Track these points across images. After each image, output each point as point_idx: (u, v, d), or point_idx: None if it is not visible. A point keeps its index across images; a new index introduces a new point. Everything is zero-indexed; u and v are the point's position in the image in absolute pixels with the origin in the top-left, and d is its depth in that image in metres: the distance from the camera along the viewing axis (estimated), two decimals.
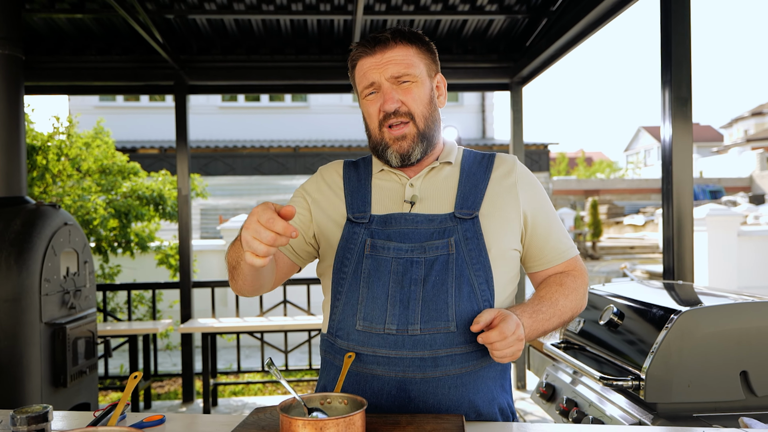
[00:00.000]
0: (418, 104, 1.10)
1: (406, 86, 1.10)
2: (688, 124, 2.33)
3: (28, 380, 2.41)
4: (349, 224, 1.12)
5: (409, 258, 1.06)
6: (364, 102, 1.14)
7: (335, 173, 1.21)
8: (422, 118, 1.11)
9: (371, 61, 1.10)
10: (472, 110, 12.61)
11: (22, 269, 2.40)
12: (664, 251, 2.39)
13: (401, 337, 1.03)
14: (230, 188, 12.51)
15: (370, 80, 1.10)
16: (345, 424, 0.86)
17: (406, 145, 1.10)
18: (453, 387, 1.04)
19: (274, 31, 3.99)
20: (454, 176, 1.15)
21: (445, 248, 1.06)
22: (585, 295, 1.16)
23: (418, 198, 1.12)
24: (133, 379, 0.94)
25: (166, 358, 5.48)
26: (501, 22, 3.96)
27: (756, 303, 1.50)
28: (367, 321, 1.06)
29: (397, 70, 1.09)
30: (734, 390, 1.41)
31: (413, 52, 1.11)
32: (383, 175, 1.17)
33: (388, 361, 1.03)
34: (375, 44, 1.10)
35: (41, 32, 3.88)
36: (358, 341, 1.06)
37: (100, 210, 4.59)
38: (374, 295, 1.06)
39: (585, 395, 1.70)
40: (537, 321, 1.06)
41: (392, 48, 1.09)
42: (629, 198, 23.91)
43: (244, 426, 0.99)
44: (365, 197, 1.14)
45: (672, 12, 2.31)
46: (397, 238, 1.08)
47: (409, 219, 1.09)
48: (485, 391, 1.08)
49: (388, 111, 1.09)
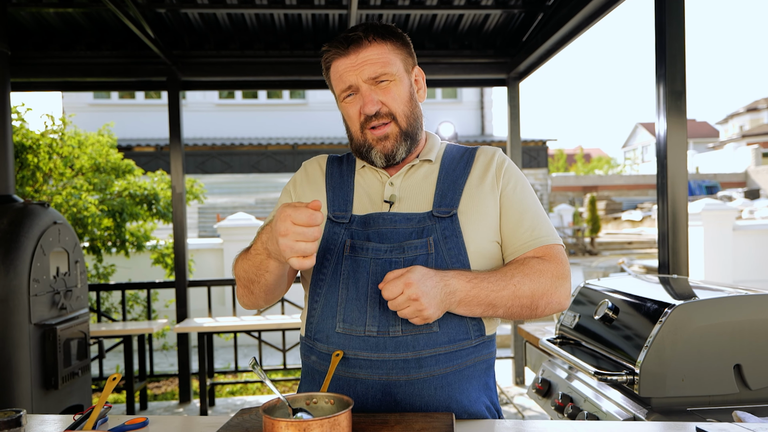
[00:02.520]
0: (398, 103, 1.08)
1: (385, 86, 1.07)
2: (682, 118, 2.32)
3: (17, 383, 2.38)
4: (330, 223, 1.11)
5: (387, 259, 1.04)
6: (342, 105, 1.11)
7: (318, 167, 1.20)
8: (404, 117, 1.09)
9: (346, 62, 1.07)
10: (470, 107, 12.59)
11: (10, 269, 2.37)
12: (659, 245, 2.37)
13: (383, 339, 1.01)
14: (228, 186, 12.48)
15: (347, 83, 1.07)
16: (330, 424, 0.84)
17: (390, 145, 1.08)
18: (439, 387, 1.03)
19: (268, 25, 3.95)
20: (434, 174, 1.13)
21: (424, 248, 1.04)
22: (555, 282, 1.03)
23: (397, 197, 1.10)
24: (112, 380, 0.91)
25: (163, 359, 5.45)
26: (497, 16, 3.93)
27: (750, 296, 1.48)
28: (347, 323, 1.04)
29: (374, 70, 1.06)
30: (728, 384, 1.39)
31: (388, 49, 1.08)
32: (364, 172, 1.16)
33: (371, 364, 1.01)
34: (348, 44, 1.06)
35: (29, 27, 3.83)
36: (339, 344, 1.04)
37: (92, 208, 4.55)
38: (353, 297, 1.04)
39: (580, 391, 1.68)
40: (478, 287, 0.98)
41: (366, 47, 1.06)
42: (627, 194, 23.96)
43: (227, 428, 0.96)
44: (347, 195, 1.13)
45: (666, 5, 2.30)
46: (376, 239, 1.06)
47: (387, 219, 1.07)
48: (471, 390, 1.06)
49: (369, 113, 1.06)
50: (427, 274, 0.95)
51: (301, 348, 1.14)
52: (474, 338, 1.05)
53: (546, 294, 1.03)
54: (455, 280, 0.97)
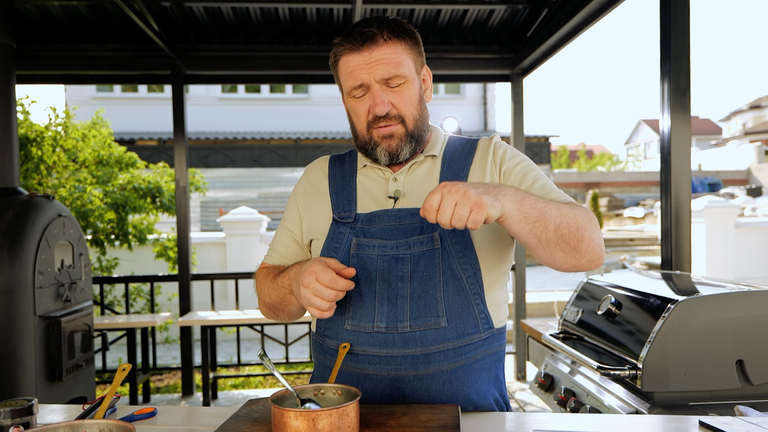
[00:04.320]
0: (408, 106, 1.07)
1: (396, 87, 1.06)
2: (686, 114, 2.31)
3: (22, 374, 2.40)
4: (335, 224, 1.12)
5: (394, 255, 1.05)
6: (351, 101, 1.09)
7: (320, 172, 1.21)
8: (412, 120, 1.08)
9: (359, 59, 1.05)
10: (473, 102, 12.56)
11: (15, 261, 2.39)
12: (662, 242, 2.37)
13: (391, 335, 1.02)
14: (230, 180, 12.48)
15: (358, 81, 1.05)
16: (338, 414, 0.85)
17: (395, 144, 1.08)
18: (447, 382, 1.03)
19: (272, 19, 3.94)
20: (437, 168, 1.13)
21: (430, 243, 1.05)
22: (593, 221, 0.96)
23: (401, 193, 1.10)
24: (122, 371, 0.92)
25: (166, 352, 5.48)
26: (502, 12, 3.92)
27: (752, 292, 1.49)
28: (356, 320, 1.05)
29: (388, 70, 1.04)
30: (730, 379, 1.40)
31: (401, 48, 1.06)
32: (367, 170, 1.16)
33: (380, 359, 1.02)
34: (363, 41, 1.04)
35: (34, 20, 3.83)
36: (348, 340, 1.06)
37: (96, 201, 4.57)
38: (361, 294, 1.06)
39: (583, 385, 1.69)
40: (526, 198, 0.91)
41: (381, 45, 1.04)
42: (629, 191, 23.91)
43: (236, 418, 0.97)
44: (350, 195, 1.13)
45: (671, 2, 2.29)
46: (382, 236, 1.07)
47: (393, 215, 1.08)
48: (480, 384, 1.07)
49: (379, 114, 1.06)
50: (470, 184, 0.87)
51: (312, 344, 1.16)
52: (483, 331, 1.05)
53: (588, 227, 0.96)
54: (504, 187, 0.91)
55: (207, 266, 5.87)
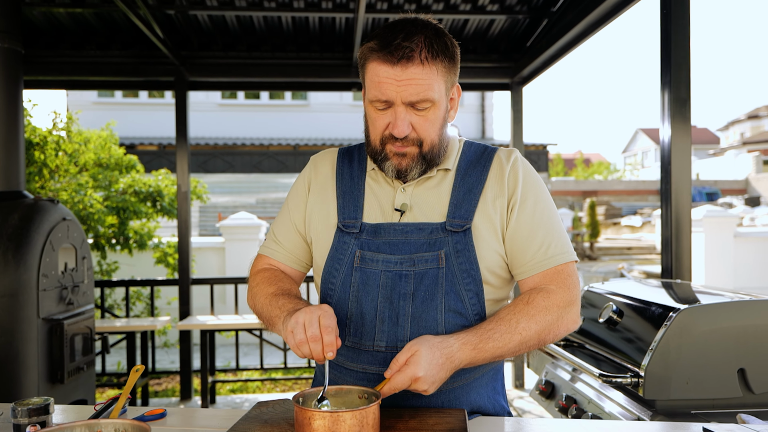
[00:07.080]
0: (429, 131, 1.03)
1: (422, 112, 1.01)
2: (687, 125, 2.34)
3: (24, 376, 2.40)
4: (339, 233, 1.08)
5: (398, 271, 1.03)
6: (371, 108, 1.04)
7: (329, 166, 1.16)
8: (429, 144, 1.04)
9: (390, 72, 0.98)
10: (471, 110, 12.63)
11: (20, 264, 2.40)
12: (662, 251, 2.39)
13: (391, 354, 1.01)
14: (229, 186, 12.49)
15: (385, 95, 0.99)
16: (361, 416, 0.86)
17: (405, 163, 1.04)
18: (446, 401, 1.04)
19: (275, 28, 3.98)
20: (449, 181, 1.08)
21: (435, 261, 1.02)
22: (561, 312, 1.01)
23: (408, 206, 1.06)
24: (135, 372, 0.94)
25: (164, 356, 5.46)
26: (502, 22, 3.97)
27: (754, 301, 1.50)
28: (356, 337, 1.04)
29: (417, 93, 0.98)
30: (732, 387, 1.42)
31: (437, 71, 1.00)
32: (376, 174, 1.11)
33: (379, 378, 1.00)
34: (399, 56, 0.97)
35: (41, 26, 3.87)
36: (348, 357, 1.05)
37: (97, 205, 4.58)
38: (363, 311, 1.04)
39: (584, 392, 1.71)
40: (483, 351, 0.96)
41: (416, 66, 0.97)
42: (627, 199, 23.98)
43: (246, 420, 0.99)
44: (357, 200, 1.09)
45: (672, 14, 2.32)
46: (386, 250, 1.04)
47: (399, 229, 1.05)
48: (479, 400, 1.07)
49: (398, 137, 1.01)
50: (433, 359, 0.91)
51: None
52: None
53: (553, 328, 1.01)
54: (461, 353, 0.95)
55: (206, 271, 5.87)
